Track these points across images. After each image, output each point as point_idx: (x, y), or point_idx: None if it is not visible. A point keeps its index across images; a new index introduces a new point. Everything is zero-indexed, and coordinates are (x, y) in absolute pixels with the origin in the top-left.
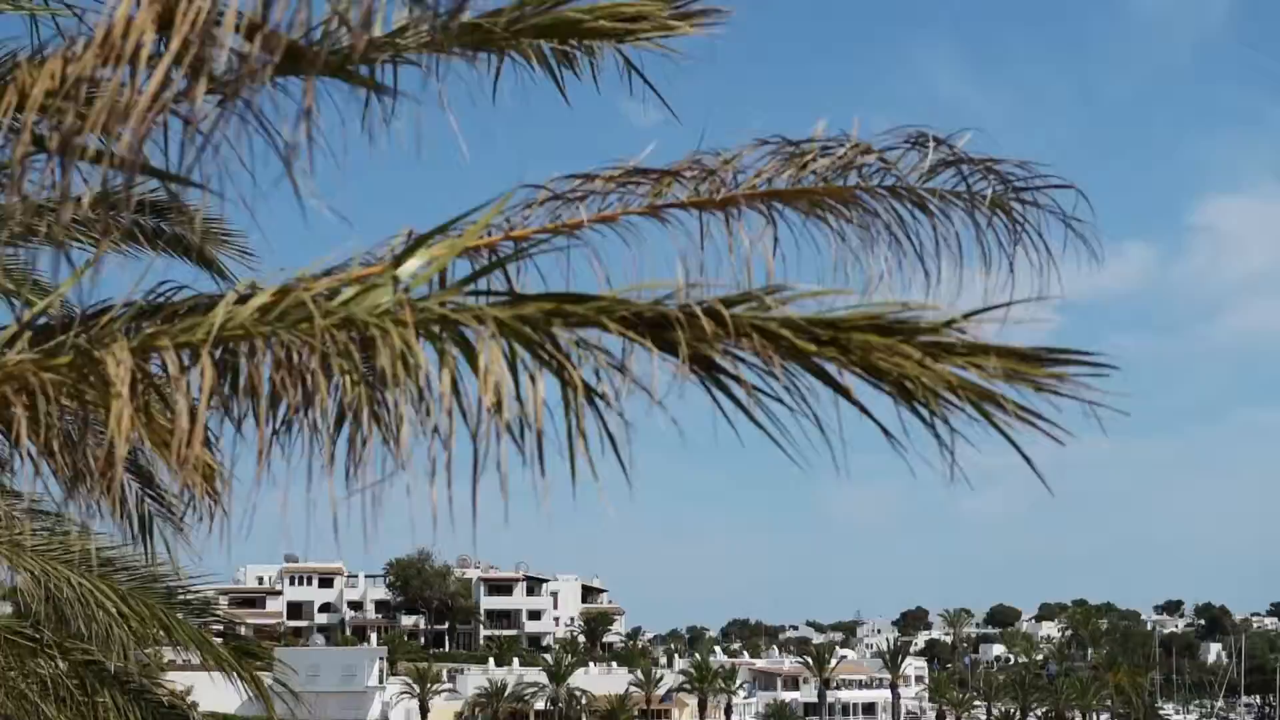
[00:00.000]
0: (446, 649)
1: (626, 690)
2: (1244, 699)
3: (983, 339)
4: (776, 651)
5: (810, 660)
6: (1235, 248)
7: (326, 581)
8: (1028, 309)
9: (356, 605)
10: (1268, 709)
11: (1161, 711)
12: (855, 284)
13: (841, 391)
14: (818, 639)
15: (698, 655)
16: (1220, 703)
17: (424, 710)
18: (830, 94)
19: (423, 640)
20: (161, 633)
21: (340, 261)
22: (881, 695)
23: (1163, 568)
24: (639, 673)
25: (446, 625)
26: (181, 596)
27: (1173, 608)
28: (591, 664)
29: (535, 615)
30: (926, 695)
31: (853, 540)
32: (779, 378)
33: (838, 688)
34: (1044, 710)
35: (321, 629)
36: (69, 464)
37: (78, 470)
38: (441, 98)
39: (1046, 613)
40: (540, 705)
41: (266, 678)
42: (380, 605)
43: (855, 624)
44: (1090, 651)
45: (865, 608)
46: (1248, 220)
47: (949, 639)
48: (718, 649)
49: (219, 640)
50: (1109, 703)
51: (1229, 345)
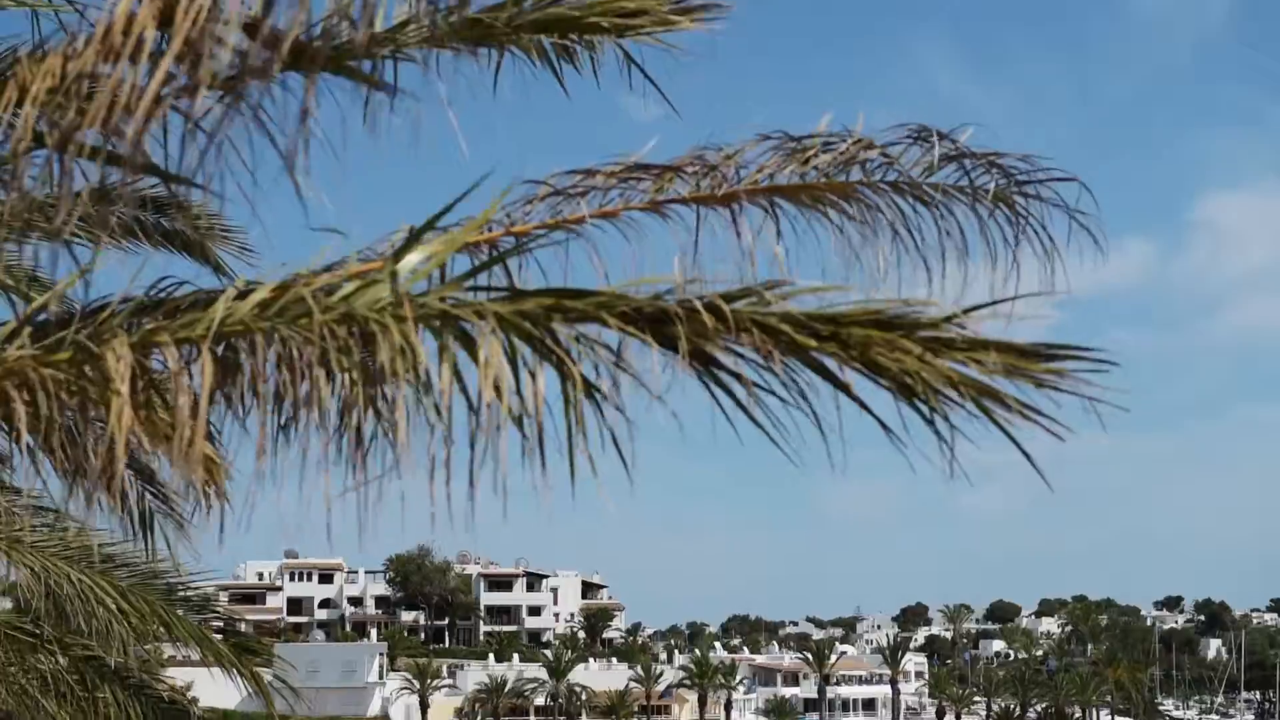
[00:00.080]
0: (446, 645)
1: (626, 686)
2: (1244, 695)
3: (983, 334)
4: (776, 647)
5: (810, 656)
6: (1235, 244)
7: (326, 577)
8: (1029, 304)
9: (356, 601)
10: (1268, 705)
11: (1161, 707)
12: (858, 280)
13: (841, 387)
14: (818, 635)
15: (698, 651)
16: (1220, 698)
17: (424, 706)
18: (831, 89)
19: (423, 636)
20: (161, 629)
21: (340, 257)
22: (881, 691)
23: (1163, 563)
24: (639, 668)
25: (446, 621)
26: (181, 593)
27: (1173, 603)
28: (591, 660)
29: (535, 611)
30: (926, 691)
31: (852, 536)
32: (778, 373)
33: (838, 683)
34: (1044, 706)
35: (321, 625)
36: (70, 460)
37: (78, 466)
38: (442, 93)
39: (1046, 608)
40: (540, 701)
41: (266, 674)
42: (380, 601)
43: (855, 620)
44: (1090, 647)
45: (865, 603)
46: (1248, 216)
47: (949, 635)
48: (718, 645)
49: (219, 636)
50: (1109, 698)
51: (1229, 341)
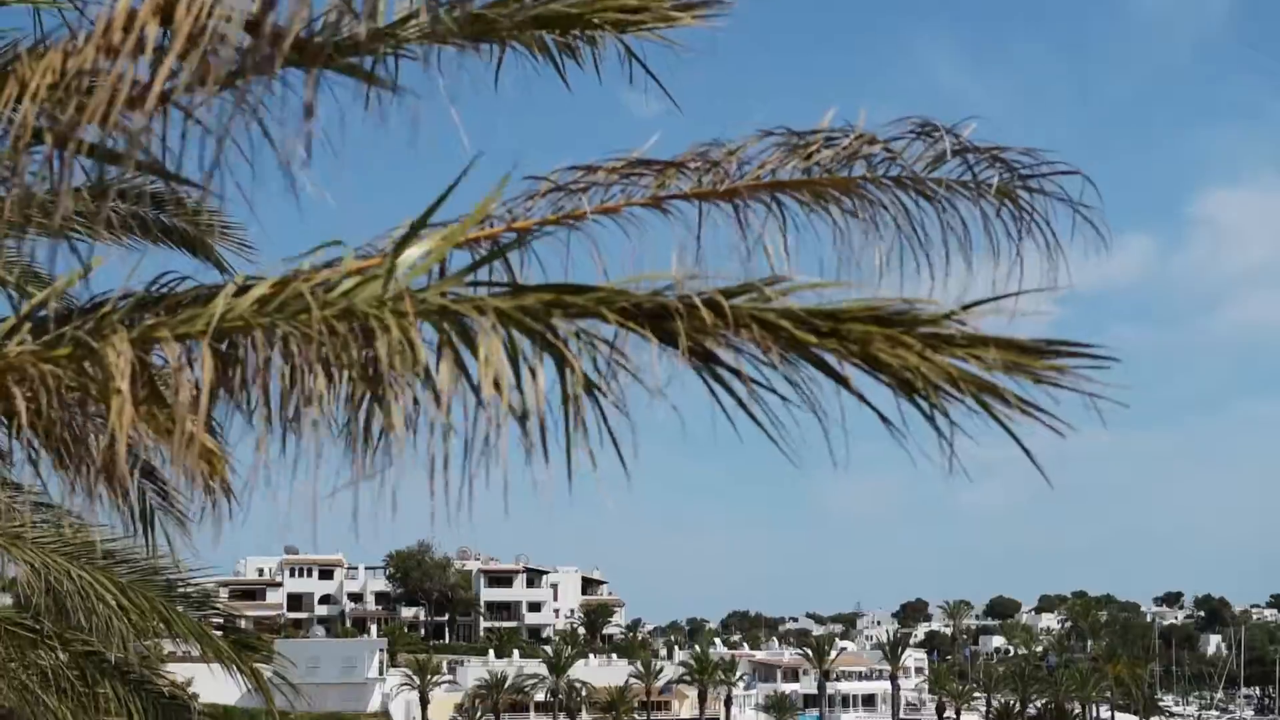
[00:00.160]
0: (446, 641)
1: (626, 682)
2: (1243, 691)
3: (984, 331)
4: (776, 643)
5: (810, 652)
6: (1235, 240)
7: (326, 573)
8: (1031, 300)
9: (356, 597)
10: (1267, 700)
11: (1161, 703)
12: (861, 276)
13: (840, 381)
14: (817, 631)
15: (698, 647)
16: (1220, 694)
17: (424, 702)
18: (832, 86)
19: (423, 632)
20: (161, 625)
21: (341, 254)
22: (881, 687)
23: (1162, 559)
24: (639, 664)
25: (446, 617)
26: (181, 589)
27: (1172, 599)
28: (591, 656)
29: (535, 607)
30: (926, 687)
31: (852, 532)
32: (778, 367)
33: (837, 679)
34: (1043, 702)
35: (321, 621)
36: (70, 456)
37: (80, 462)
38: (443, 89)
39: (1046, 604)
40: (540, 697)
41: (266, 670)
42: (380, 597)
43: (855, 616)
44: (1090, 643)
45: (865, 599)
46: (1248, 213)
47: (949, 631)
48: (718, 641)
49: (219, 633)
50: (1109, 694)
51: (1229, 337)
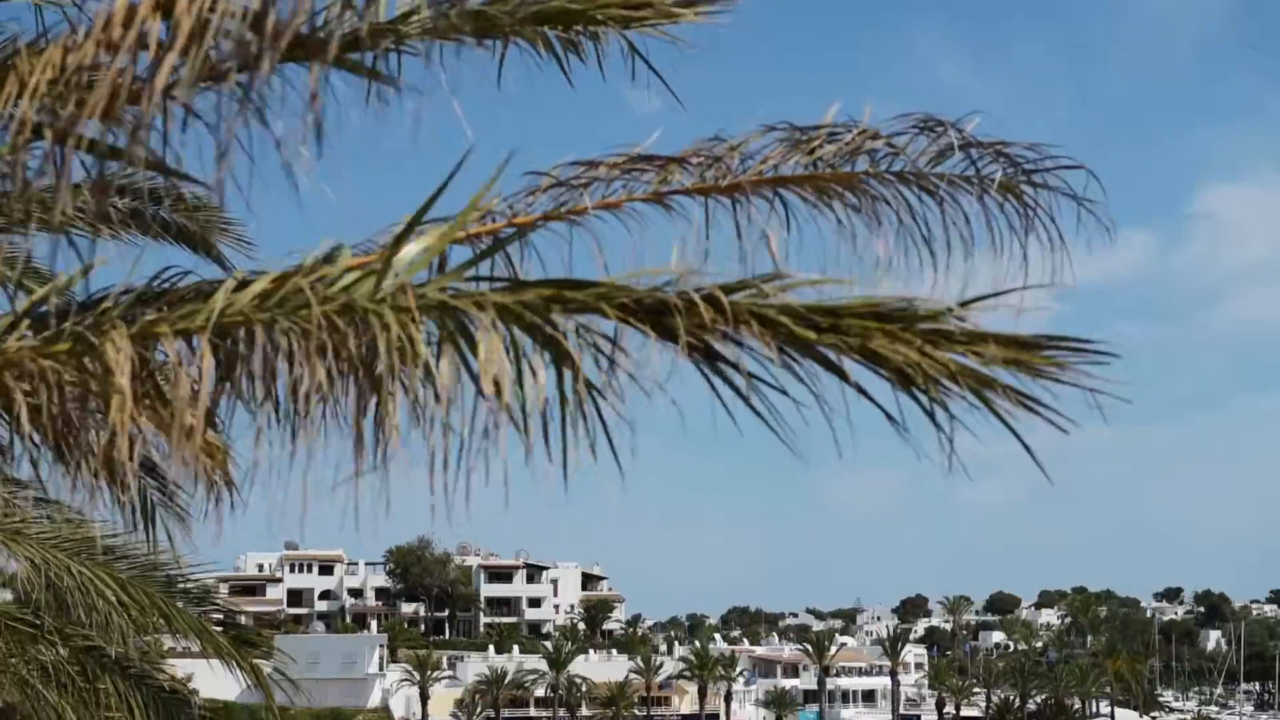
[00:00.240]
0: (447, 636)
1: (626, 677)
2: (1243, 686)
3: (984, 326)
4: (776, 639)
5: (810, 647)
6: (1235, 236)
7: (327, 569)
8: (1032, 296)
9: (357, 593)
10: (1267, 696)
11: (1161, 699)
12: (863, 271)
13: (838, 373)
14: (817, 626)
15: (698, 642)
16: (1219, 690)
17: (424, 697)
18: (833, 83)
19: (423, 628)
20: (161, 621)
21: (341, 249)
22: (881, 682)
23: (1162, 555)
24: (639, 660)
25: (447, 612)
26: (182, 585)
27: (1172, 595)
28: (592, 651)
29: (535, 603)
30: (926, 682)
31: (852, 528)
32: (777, 363)
33: (837, 675)
34: (1043, 697)
35: (322, 616)
36: (71, 451)
37: (80, 458)
38: (445, 85)
39: (1046, 600)
40: (540, 692)
41: (266, 666)
42: (380, 592)
43: (855, 611)
44: (1090, 639)
45: (865, 595)
46: (1248, 208)
47: (949, 626)
48: (718, 636)
49: (219, 629)
50: (1108, 690)
51: (1229, 333)
